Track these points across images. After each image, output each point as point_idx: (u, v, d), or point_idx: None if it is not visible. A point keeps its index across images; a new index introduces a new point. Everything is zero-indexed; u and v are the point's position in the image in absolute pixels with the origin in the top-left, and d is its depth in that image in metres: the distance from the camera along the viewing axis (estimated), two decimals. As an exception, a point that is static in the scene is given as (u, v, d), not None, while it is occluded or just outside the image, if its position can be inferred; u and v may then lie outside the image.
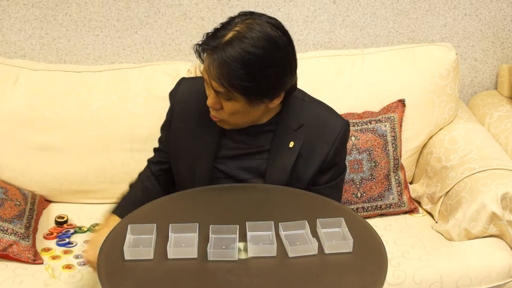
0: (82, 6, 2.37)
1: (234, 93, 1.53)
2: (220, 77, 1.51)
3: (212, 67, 1.52)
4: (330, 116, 1.73)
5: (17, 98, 2.19)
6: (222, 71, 1.51)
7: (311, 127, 1.69)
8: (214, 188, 1.70)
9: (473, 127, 2.36)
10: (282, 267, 1.40)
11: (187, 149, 1.74)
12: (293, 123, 1.69)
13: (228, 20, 1.57)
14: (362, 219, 1.56)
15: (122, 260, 1.40)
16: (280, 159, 1.69)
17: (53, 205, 2.27)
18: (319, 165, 1.70)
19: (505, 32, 2.66)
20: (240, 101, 1.56)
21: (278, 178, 1.69)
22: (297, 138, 1.68)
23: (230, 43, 1.50)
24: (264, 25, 1.53)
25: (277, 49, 1.53)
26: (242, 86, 1.52)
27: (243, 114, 1.61)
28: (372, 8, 2.52)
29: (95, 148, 2.21)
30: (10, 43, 2.40)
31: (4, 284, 1.85)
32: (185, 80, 1.82)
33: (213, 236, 1.45)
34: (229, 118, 1.62)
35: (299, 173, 1.70)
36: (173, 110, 1.78)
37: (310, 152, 1.69)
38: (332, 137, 1.69)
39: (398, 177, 2.23)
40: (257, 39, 1.51)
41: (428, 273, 1.93)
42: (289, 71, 1.58)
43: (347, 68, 2.33)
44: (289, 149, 1.68)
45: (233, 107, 1.58)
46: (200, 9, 2.43)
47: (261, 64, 1.51)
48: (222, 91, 1.54)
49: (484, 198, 1.99)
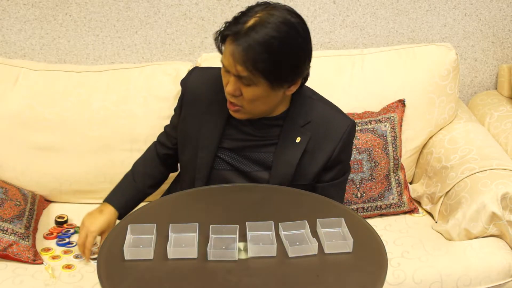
0: (82, 6, 2.37)
1: (258, 77, 1.57)
2: (246, 60, 1.55)
3: (236, 51, 1.55)
4: (336, 115, 1.76)
5: (17, 98, 2.19)
6: (248, 55, 1.54)
7: (317, 125, 1.72)
8: (214, 188, 1.70)
9: (473, 127, 2.36)
10: (282, 267, 1.40)
11: (193, 136, 1.77)
12: (301, 119, 1.72)
13: (246, 9, 1.61)
14: (362, 219, 1.56)
15: (122, 260, 1.40)
16: (287, 154, 1.72)
17: (53, 205, 2.27)
18: (324, 162, 1.73)
19: (505, 32, 2.66)
20: (261, 86, 1.59)
21: (284, 172, 1.71)
22: (303, 134, 1.71)
23: (254, 28, 1.55)
24: (284, 12, 1.59)
25: (298, 34, 1.58)
26: (266, 70, 1.56)
27: (262, 101, 1.63)
28: (372, 8, 2.52)
29: (95, 148, 2.21)
30: (10, 43, 2.40)
31: (4, 284, 1.85)
32: (197, 69, 1.85)
33: (213, 236, 1.45)
34: (248, 105, 1.64)
35: (304, 168, 1.73)
36: (183, 98, 1.81)
37: (315, 149, 1.72)
38: (337, 135, 1.72)
39: (398, 177, 2.23)
40: (279, 24, 1.55)
41: (428, 273, 1.93)
42: (307, 57, 1.64)
43: (347, 68, 2.33)
44: (296, 144, 1.71)
45: (253, 92, 1.60)
46: (200, 9, 2.43)
47: (283, 49, 1.56)
48: (246, 75, 1.57)
49: (484, 198, 1.99)
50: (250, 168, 1.75)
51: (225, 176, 1.76)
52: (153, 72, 2.26)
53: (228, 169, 1.76)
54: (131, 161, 2.19)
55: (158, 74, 2.25)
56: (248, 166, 1.75)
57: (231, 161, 1.75)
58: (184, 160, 1.84)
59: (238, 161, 1.75)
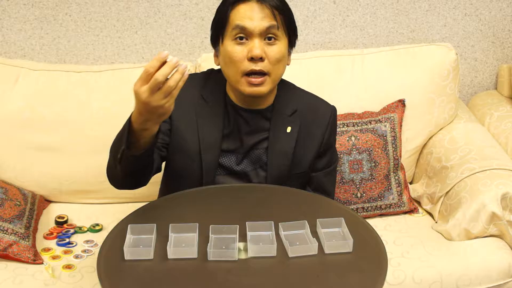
0: (82, 6, 2.37)
1: (283, 27, 1.65)
2: (275, 8, 1.62)
3: (265, 3, 1.62)
4: (319, 101, 1.82)
5: (17, 98, 2.19)
6: (275, 4, 1.63)
7: (304, 112, 1.76)
8: (214, 188, 1.70)
9: (473, 127, 2.36)
10: (282, 267, 1.40)
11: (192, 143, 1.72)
12: (287, 108, 1.75)
13: None
14: (362, 219, 1.56)
15: (122, 260, 1.40)
16: (280, 145, 1.73)
17: (53, 205, 2.27)
18: (317, 148, 1.77)
19: (505, 32, 2.66)
20: (283, 42, 1.65)
21: (280, 163, 1.73)
22: (293, 123, 1.74)
23: None
24: None
25: None
26: (288, 21, 1.66)
27: (283, 62, 1.68)
28: (372, 8, 2.52)
29: (95, 148, 2.20)
30: (10, 43, 2.40)
31: (4, 284, 1.85)
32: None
33: (213, 236, 1.45)
34: (273, 69, 1.65)
35: (299, 157, 1.75)
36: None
37: (306, 137, 1.75)
38: (325, 120, 1.78)
39: (398, 177, 2.23)
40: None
41: (428, 273, 1.93)
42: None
43: (347, 68, 2.33)
44: (287, 134, 1.73)
45: (278, 50, 1.64)
46: (200, 9, 2.43)
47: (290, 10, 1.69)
48: (275, 24, 1.62)
49: (484, 198, 1.99)
50: (245, 168, 1.75)
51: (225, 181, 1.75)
52: (153, 72, 2.26)
53: (224, 173, 1.75)
54: (131, 161, 2.19)
55: (158, 74, 2.25)
56: (246, 166, 1.75)
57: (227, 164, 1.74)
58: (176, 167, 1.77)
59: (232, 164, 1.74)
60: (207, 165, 1.72)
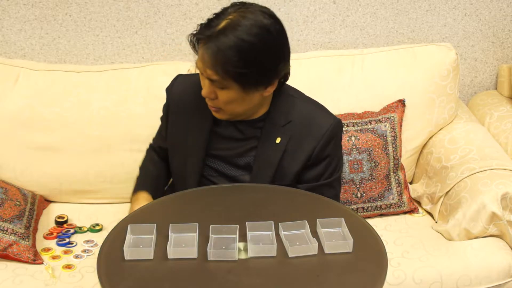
0: (82, 6, 2.37)
1: (229, 80, 1.55)
2: (215, 64, 1.53)
3: (206, 55, 1.53)
4: (319, 113, 1.73)
5: (17, 98, 2.19)
6: (217, 58, 1.52)
7: (299, 124, 1.70)
8: (214, 188, 1.70)
9: (473, 127, 2.36)
10: (282, 267, 1.40)
11: (180, 144, 1.77)
12: (281, 119, 1.70)
13: (221, 10, 1.58)
14: (362, 219, 1.56)
15: (122, 260, 1.40)
16: (267, 155, 1.71)
17: (53, 205, 2.27)
18: (304, 161, 1.70)
19: (505, 32, 2.66)
20: (234, 89, 1.57)
21: (264, 173, 1.71)
22: (284, 134, 1.69)
23: (224, 31, 1.52)
24: (257, 13, 1.55)
25: (270, 36, 1.55)
26: (237, 74, 1.53)
27: (239, 103, 1.61)
28: (372, 8, 2.52)
29: (95, 148, 2.21)
30: (10, 43, 2.40)
31: (4, 284, 1.85)
32: (181, 76, 1.85)
33: (213, 236, 1.45)
34: (225, 107, 1.62)
35: (285, 168, 1.71)
36: (169, 106, 1.81)
37: (296, 149, 1.70)
38: (319, 134, 1.69)
39: (398, 177, 2.23)
40: (251, 27, 1.52)
41: (428, 273, 1.93)
42: (282, 58, 1.60)
43: (347, 68, 2.33)
44: (276, 145, 1.70)
45: (228, 95, 1.58)
46: (200, 9, 2.43)
47: (255, 52, 1.53)
48: (217, 79, 1.55)
49: (484, 198, 1.99)
50: (236, 173, 1.75)
51: (214, 182, 1.77)
52: (153, 72, 2.26)
53: (215, 175, 1.76)
54: (131, 161, 2.20)
55: (158, 74, 2.25)
56: (234, 171, 1.75)
57: (218, 167, 1.76)
58: (174, 168, 1.83)
59: (223, 167, 1.75)
60: (190, 169, 1.74)
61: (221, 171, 1.76)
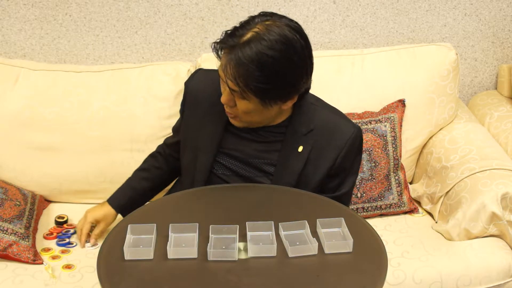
0: (82, 6, 2.37)
1: (249, 93, 1.54)
2: (236, 77, 1.52)
3: (229, 66, 1.53)
4: (340, 122, 1.72)
5: (17, 98, 2.19)
6: (238, 71, 1.51)
7: (320, 133, 1.68)
8: (214, 188, 1.70)
9: (473, 127, 2.36)
10: (282, 267, 1.40)
11: (193, 139, 1.76)
12: (303, 127, 1.69)
13: (248, 19, 1.57)
14: (362, 219, 1.56)
15: (122, 260, 1.40)
16: (290, 163, 1.69)
17: (53, 205, 2.27)
18: (327, 170, 1.69)
19: (505, 32, 2.66)
20: (253, 102, 1.57)
21: (285, 181, 1.70)
22: (306, 143, 1.68)
23: (248, 43, 1.51)
24: (283, 28, 1.53)
25: (294, 52, 1.53)
26: (257, 88, 1.53)
27: (256, 114, 1.61)
28: (372, 8, 2.52)
29: (95, 148, 2.21)
30: (10, 43, 2.40)
31: (4, 284, 1.85)
32: (201, 71, 1.83)
33: (213, 236, 1.45)
34: (243, 116, 1.63)
35: (307, 177, 1.70)
36: (186, 99, 1.80)
37: (318, 157, 1.68)
38: (341, 142, 1.68)
39: (398, 177, 2.23)
40: (275, 42, 1.51)
41: (428, 273, 1.93)
42: (304, 74, 1.59)
43: (347, 68, 2.33)
44: (298, 153, 1.68)
45: (246, 106, 1.58)
46: (200, 9, 2.43)
47: (277, 67, 1.51)
48: (237, 90, 1.55)
49: (484, 198, 1.99)
50: (251, 174, 1.74)
51: (224, 180, 1.76)
52: (153, 72, 2.26)
53: (228, 174, 1.75)
54: (131, 161, 2.20)
55: (158, 74, 2.25)
56: (249, 172, 1.74)
57: (231, 166, 1.74)
58: (184, 162, 1.83)
59: (238, 167, 1.74)
60: (200, 164, 1.74)
61: (234, 170, 1.74)
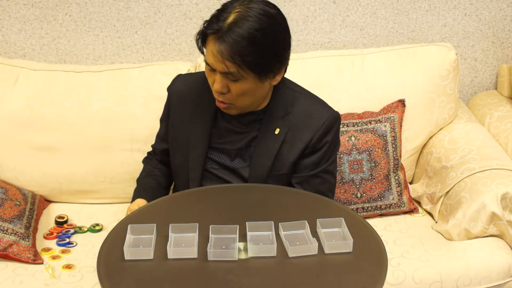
0: (82, 6, 2.37)
1: (246, 70, 1.59)
2: (233, 55, 1.57)
3: (223, 48, 1.57)
4: (318, 107, 1.79)
5: (17, 98, 2.19)
6: (235, 50, 1.57)
7: (298, 116, 1.75)
8: (214, 188, 1.70)
9: (473, 127, 2.36)
10: (282, 267, 1.40)
11: (183, 140, 1.80)
12: (281, 111, 1.75)
13: (223, 6, 1.64)
14: (362, 219, 1.56)
15: (122, 260, 1.40)
16: (266, 145, 1.75)
17: (53, 205, 2.27)
18: (301, 150, 1.75)
19: (505, 32, 2.66)
20: (249, 79, 1.62)
21: (262, 163, 1.75)
22: (283, 125, 1.74)
23: (236, 23, 1.58)
24: (260, 4, 1.63)
25: (278, 24, 1.63)
26: (254, 62, 1.59)
27: (251, 94, 1.66)
28: (372, 8, 2.52)
29: (95, 148, 2.21)
30: (10, 43, 2.40)
31: (4, 284, 1.85)
32: (181, 76, 1.90)
33: (213, 236, 1.45)
34: (237, 100, 1.66)
35: (282, 158, 1.75)
36: (170, 103, 1.85)
37: (294, 138, 1.75)
38: (317, 125, 1.74)
39: (398, 177, 2.23)
40: (260, 16, 1.59)
41: (428, 273, 1.93)
42: (289, 44, 1.68)
43: (347, 68, 2.33)
44: (275, 135, 1.74)
45: (242, 87, 1.63)
46: (200, 9, 2.43)
47: (267, 40, 1.60)
48: (234, 70, 1.59)
49: (484, 198, 1.99)
50: (237, 165, 1.78)
51: (216, 175, 1.79)
52: (153, 72, 2.26)
53: (217, 167, 1.79)
54: (131, 161, 2.20)
55: (158, 74, 2.25)
56: (235, 163, 1.78)
57: (220, 160, 1.79)
58: (176, 164, 1.85)
59: (226, 160, 1.79)
60: (192, 162, 1.78)
61: (223, 163, 1.79)
